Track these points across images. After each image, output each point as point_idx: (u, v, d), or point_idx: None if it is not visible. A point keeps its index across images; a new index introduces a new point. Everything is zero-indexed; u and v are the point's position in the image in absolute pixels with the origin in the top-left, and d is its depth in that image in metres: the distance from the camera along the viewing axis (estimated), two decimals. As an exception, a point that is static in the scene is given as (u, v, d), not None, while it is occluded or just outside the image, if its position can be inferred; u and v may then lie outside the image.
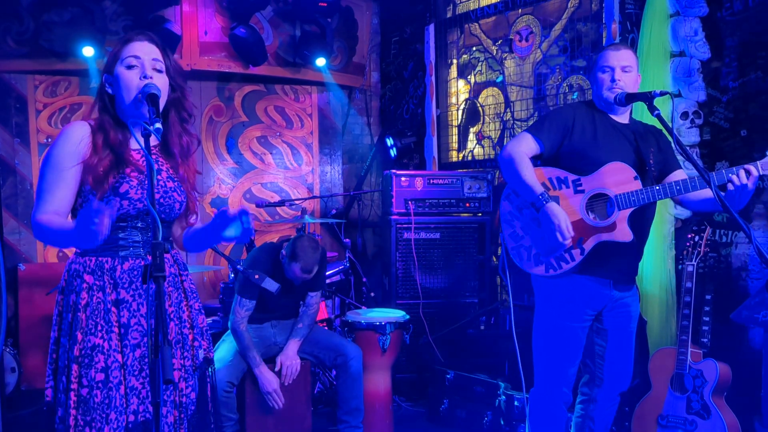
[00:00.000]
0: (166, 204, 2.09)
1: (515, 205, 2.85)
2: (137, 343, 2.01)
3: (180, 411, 2.06)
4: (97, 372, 1.95)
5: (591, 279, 2.73)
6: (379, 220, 5.53)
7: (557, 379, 2.81)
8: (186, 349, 2.11)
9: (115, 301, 2.01)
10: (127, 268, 2.03)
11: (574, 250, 2.69)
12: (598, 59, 2.83)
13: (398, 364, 4.28)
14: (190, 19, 5.06)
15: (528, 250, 2.80)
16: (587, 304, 2.76)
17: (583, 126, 2.78)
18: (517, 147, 2.78)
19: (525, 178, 2.71)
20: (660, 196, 2.63)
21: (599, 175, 2.70)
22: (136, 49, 2.03)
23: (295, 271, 3.50)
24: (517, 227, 2.84)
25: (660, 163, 2.82)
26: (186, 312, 2.14)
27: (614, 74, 2.75)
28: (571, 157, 2.76)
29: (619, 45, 3.01)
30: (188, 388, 2.09)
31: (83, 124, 2.04)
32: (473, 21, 5.24)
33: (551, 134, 2.78)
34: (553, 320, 2.79)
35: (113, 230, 2.01)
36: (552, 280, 2.77)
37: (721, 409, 3.07)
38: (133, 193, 2.01)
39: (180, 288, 2.14)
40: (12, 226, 5.02)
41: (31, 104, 5.06)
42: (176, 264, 2.15)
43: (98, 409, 1.94)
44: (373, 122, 6.19)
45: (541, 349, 2.85)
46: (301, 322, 3.70)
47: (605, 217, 2.69)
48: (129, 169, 2.02)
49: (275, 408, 3.51)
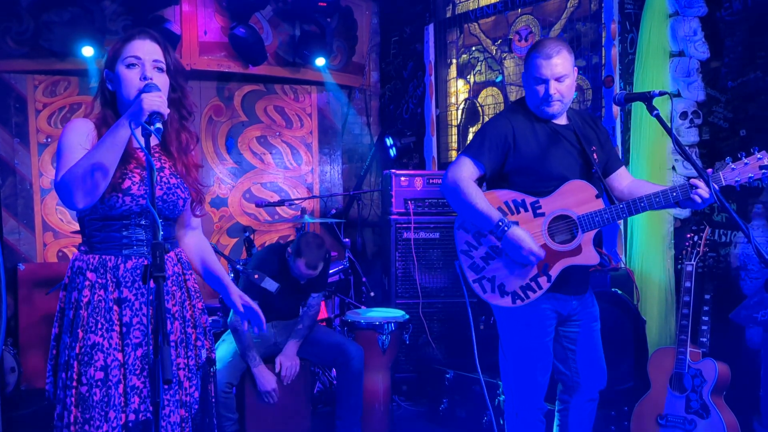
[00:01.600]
0: (170, 201, 2.09)
1: (471, 234, 2.66)
2: (139, 342, 2.01)
3: (185, 410, 2.07)
4: (97, 370, 1.96)
5: (553, 297, 2.64)
6: (378, 220, 5.53)
7: (532, 391, 2.71)
8: (189, 349, 2.11)
9: (117, 300, 2.01)
10: (130, 266, 2.03)
11: (540, 278, 2.56)
12: (528, 64, 2.60)
13: (398, 363, 4.29)
14: (190, 18, 5.06)
15: (491, 281, 2.63)
16: (551, 317, 2.67)
17: (525, 138, 2.61)
18: (458, 173, 2.59)
19: (478, 207, 2.53)
20: (624, 215, 2.53)
21: (559, 195, 2.56)
22: (137, 49, 2.03)
23: (300, 267, 3.50)
24: (477, 258, 2.65)
25: (603, 160, 2.70)
26: (189, 311, 2.14)
27: (548, 88, 2.55)
28: (519, 173, 2.61)
29: (550, 49, 2.55)
30: (192, 387, 2.10)
31: (86, 120, 2.05)
32: (473, 21, 5.24)
33: (492, 154, 2.59)
34: (521, 340, 2.68)
35: (117, 228, 2.02)
36: (516, 308, 2.63)
37: (720, 409, 3.08)
38: (135, 189, 2.00)
39: (183, 287, 2.14)
40: (11, 225, 5.02)
41: (30, 104, 5.06)
42: (180, 263, 2.16)
43: (97, 407, 1.94)
44: (373, 122, 6.19)
45: (512, 368, 2.74)
46: (301, 323, 3.71)
47: (567, 239, 2.56)
48: (132, 165, 2.03)
49: (272, 403, 3.51)
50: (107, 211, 1.99)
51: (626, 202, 2.54)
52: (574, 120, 2.71)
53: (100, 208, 2.00)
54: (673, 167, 3.79)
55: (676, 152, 3.77)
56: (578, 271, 2.62)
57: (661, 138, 3.75)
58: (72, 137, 1.99)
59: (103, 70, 2.08)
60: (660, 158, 3.80)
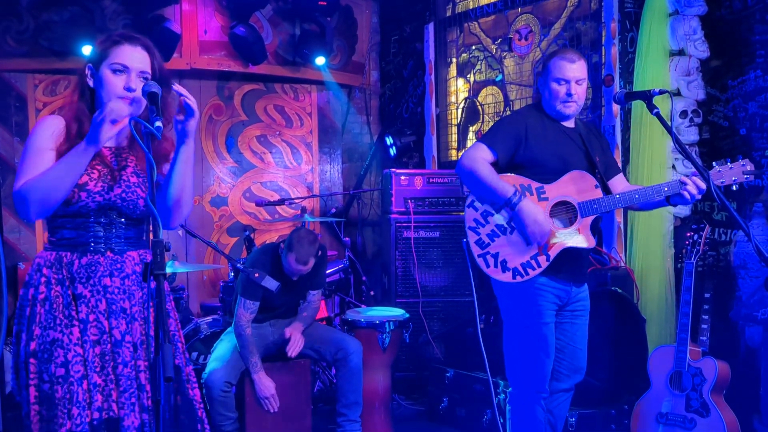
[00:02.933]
0: (129, 200, 2.06)
1: (480, 213, 2.85)
2: (97, 340, 1.99)
3: (149, 414, 2.01)
4: (57, 367, 1.94)
5: (553, 280, 2.79)
6: (378, 219, 5.53)
7: (538, 377, 2.84)
8: (150, 352, 2.06)
9: (73, 296, 2.00)
10: (85, 263, 2.02)
11: (539, 257, 2.74)
12: (551, 67, 2.82)
13: (398, 362, 4.28)
14: (190, 17, 5.06)
15: (495, 257, 2.80)
16: (553, 301, 2.82)
17: (536, 134, 2.81)
18: (473, 155, 2.80)
19: (492, 183, 2.74)
20: (620, 205, 2.76)
21: (562, 183, 2.76)
22: (126, 57, 2.01)
23: (290, 262, 3.50)
24: (483, 234, 2.84)
25: (604, 165, 2.89)
26: (153, 312, 2.08)
27: (570, 88, 2.78)
28: (527, 165, 2.80)
29: (573, 55, 2.83)
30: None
31: (56, 117, 2.04)
32: (473, 20, 5.24)
33: (505, 143, 2.80)
34: (525, 322, 2.83)
35: (73, 226, 2.01)
36: (517, 286, 2.80)
37: (720, 407, 3.08)
38: (92, 185, 1.99)
39: (146, 288, 2.09)
40: (12, 224, 5.02)
41: (30, 103, 5.06)
42: (142, 263, 2.11)
43: (60, 404, 1.93)
44: (373, 121, 6.19)
45: (518, 352, 2.88)
46: (305, 311, 3.75)
47: (567, 224, 2.76)
48: (95, 162, 2.00)
49: (271, 410, 3.53)
50: (63, 207, 1.98)
51: (621, 193, 2.78)
52: (579, 126, 2.93)
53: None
54: (673, 166, 3.79)
55: (676, 151, 3.77)
56: (577, 257, 2.81)
57: (661, 137, 3.75)
58: (39, 140, 1.98)
59: (87, 64, 2.06)
60: (660, 157, 3.80)
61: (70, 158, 1.91)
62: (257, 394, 3.51)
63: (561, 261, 2.74)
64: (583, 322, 2.94)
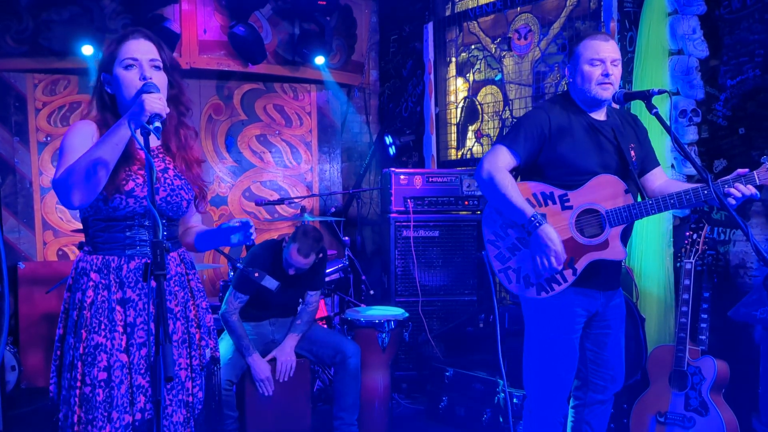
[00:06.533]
0: (174, 202, 2.10)
1: (499, 225, 2.68)
2: (143, 342, 2.01)
3: (188, 410, 2.07)
4: (100, 371, 1.96)
5: (582, 291, 2.63)
6: (378, 218, 5.54)
7: (555, 389, 2.70)
8: (193, 348, 2.12)
9: (121, 300, 2.02)
10: (134, 267, 2.04)
11: (566, 271, 2.55)
12: (580, 49, 2.60)
13: (397, 361, 4.29)
14: (189, 17, 5.07)
15: (516, 272, 2.64)
16: (580, 315, 2.66)
17: (561, 131, 2.59)
18: (494, 162, 2.58)
19: (512, 199, 2.53)
20: (653, 212, 2.52)
21: (587, 189, 2.55)
22: (133, 50, 2.03)
23: (292, 253, 3.50)
24: (503, 248, 2.66)
25: (640, 158, 2.70)
26: (193, 311, 2.15)
27: (606, 69, 2.56)
28: (552, 166, 2.60)
29: (604, 36, 2.63)
30: (195, 387, 2.10)
31: (89, 122, 2.06)
32: (472, 19, 5.25)
33: (528, 144, 2.59)
34: (549, 336, 2.67)
35: (120, 229, 2.03)
36: (542, 299, 2.62)
37: (719, 406, 3.09)
38: (138, 191, 2.01)
39: (186, 287, 2.15)
40: (11, 224, 5.03)
41: (30, 103, 5.07)
42: (183, 263, 2.16)
43: (100, 407, 1.95)
44: (372, 120, 6.19)
45: (538, 365, 2.72)
46: (300, 318, 3.72)
47: (595, 233, 2.56)
48: (136, 167, 2.03)
49: (267, 395, 3.53)
50: (111, 212, 2.00)
51: (655, 198, 2.53)
52: (612, 117, 2.71)
53: (103, 210, 2.00)
54: (672, 165, 3.80)
55: (675, 150, 3.78)
56: (607, 266, 2.61)
57: (661, 136, 3.74)
58: (74, 139, 1.99)
59: (100, 74, 2.08)
60: (659, 156, 3.79)
61: (109, 135, 1.90)
62: (253, 377, 3.51)
63: (589, 271, 2.56)
64: (617, 331, 2.76)
